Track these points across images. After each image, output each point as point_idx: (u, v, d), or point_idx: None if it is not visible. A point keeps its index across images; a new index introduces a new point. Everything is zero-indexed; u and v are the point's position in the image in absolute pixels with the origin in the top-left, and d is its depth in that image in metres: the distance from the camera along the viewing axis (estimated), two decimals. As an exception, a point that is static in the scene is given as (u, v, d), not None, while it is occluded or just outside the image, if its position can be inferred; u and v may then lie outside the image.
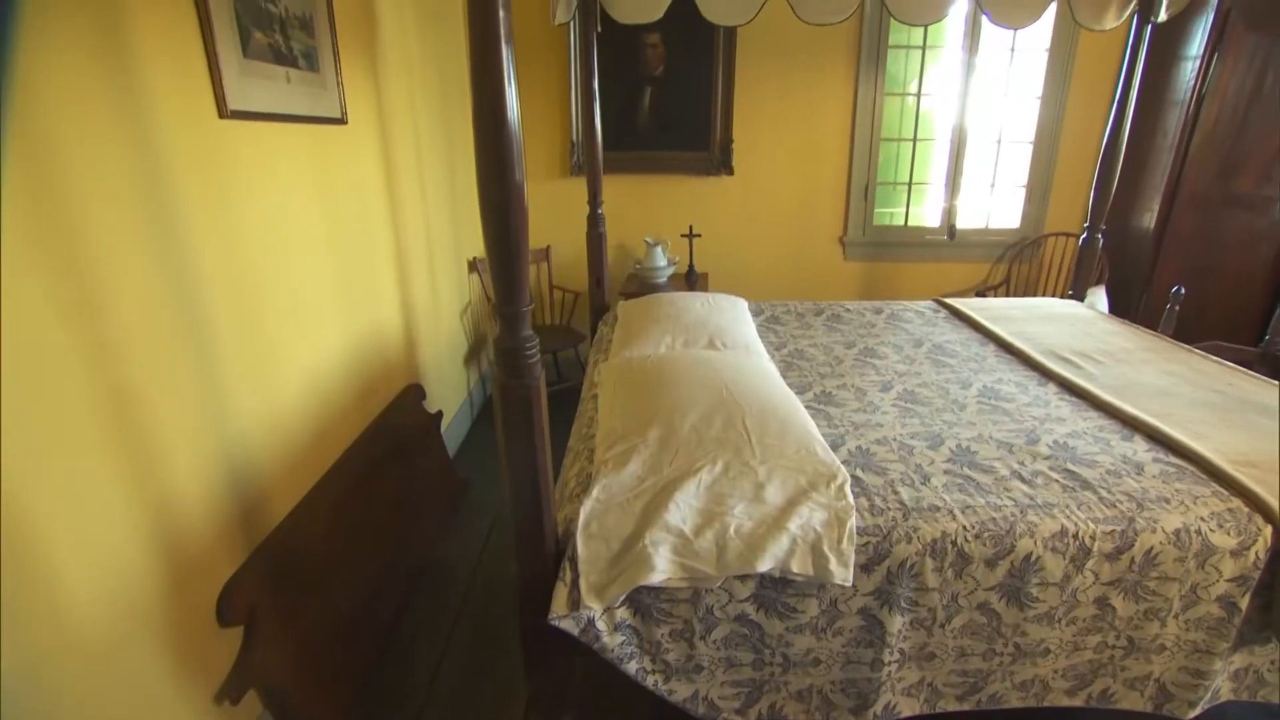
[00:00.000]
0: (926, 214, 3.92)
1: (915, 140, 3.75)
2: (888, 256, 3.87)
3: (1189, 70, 3.23)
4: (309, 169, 1.86)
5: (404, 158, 2.59)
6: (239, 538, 1.50)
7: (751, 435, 1.41)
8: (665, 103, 3.47)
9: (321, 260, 1.93)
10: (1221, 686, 1.49)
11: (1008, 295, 3.89)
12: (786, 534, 1.24)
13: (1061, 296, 3.14)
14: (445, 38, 3.02)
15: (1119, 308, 3.56)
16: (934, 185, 3.87)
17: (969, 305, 2.71)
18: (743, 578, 1.28)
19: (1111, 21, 2.59)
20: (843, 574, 1.24)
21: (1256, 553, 1.34)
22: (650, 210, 3.65)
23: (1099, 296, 3.47)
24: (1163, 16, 2.52)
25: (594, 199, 2.64)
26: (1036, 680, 1.45)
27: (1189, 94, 3.23)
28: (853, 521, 1.26)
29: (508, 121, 1.00)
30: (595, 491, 1.34)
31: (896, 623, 1.34)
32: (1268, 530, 1.34)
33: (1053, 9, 2.59)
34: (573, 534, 1.28)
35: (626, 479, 1.36)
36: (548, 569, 1.29)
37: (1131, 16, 2.59)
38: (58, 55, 1.06)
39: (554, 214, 3.55)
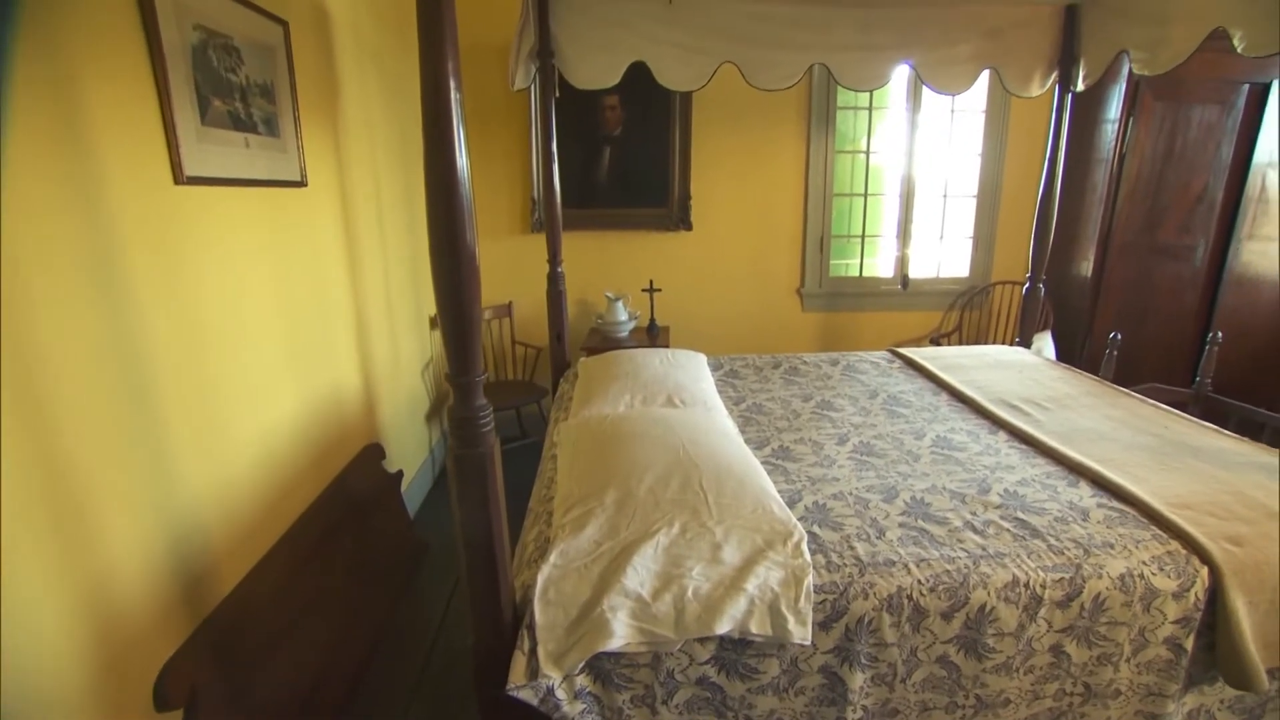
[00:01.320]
0: (880, 265, 4.07)
1: (866, 194, 3.92)
2: (844, 307, 3.99)
3: (1110, 132, 3.46)
4: (266, 231, 1.87)
5: (365, 217, 2.61)
6: (182, 613, 1.44)
7: (708, 495, 1.42)
8: (625, 161, 3.57)
9: (277, 321, 1.92)
10: (1178, 729, 1.51)
11: (960, 342, 4.02)
12: (744, 595, 1.24)
13: (1010, 343, 3.27)
14: (407, 100, 3.08)
15: (1065, 352, 3.70)
16: (886, 237, 4.03)
17: (922, 355, 2.79)
18: (702, 640, 1.27)
19: (1036, 89, 2.79)
20: (801, 633, 1.24)
21: (1196, 594, 1.38)
22: (612, 265, 3.71)
23: (1046, 342, 3.61)
24: (1080, 86, 2.72)
25: (554, 257, 2.68)
26: (1000, 731, 1.46)
27: (1112, 153, 3.46)
28: (810, 580, 1.27)
29: (460, 197, 1.03)
30: (553, 557, 1.33)
31: (858, 680, 1.34)
32: (1204, 571, 1.39)
33: (985, 76, 2.78)
34: (530, 601, 1.26)
35: (584, 543, 1.35)
36: (505, 638, 1.27)
37: (1054, 85, 2.79)
38: (9, 128, 1.06)
39: (516, 270, 3.58)
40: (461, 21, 3.17)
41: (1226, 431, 2.03)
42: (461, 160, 1.03)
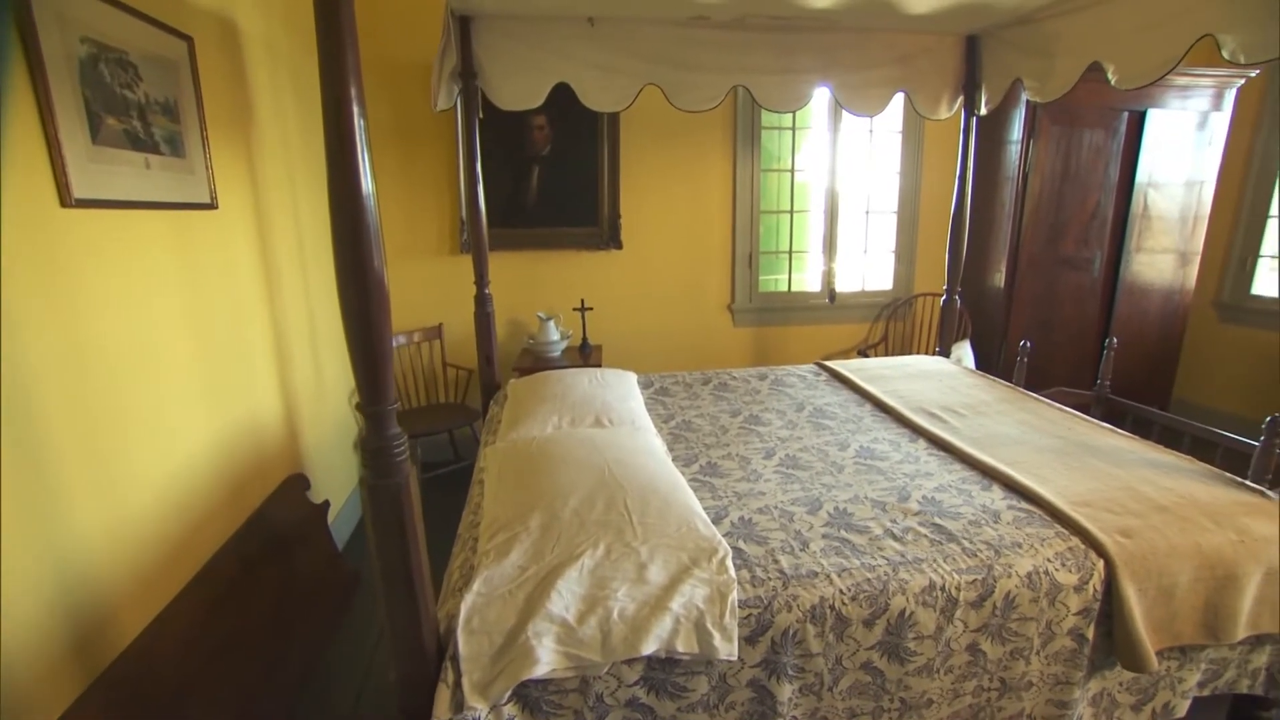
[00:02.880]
0: (808, 279, 4.19)
1: (793, 211, 4.04)
2: (774, 321, 4.08)
3: (1014, 153, 3.68)
4: (173, 256, 1.78)
5: (283, 239, 2.52)
6: (74, 669, 1.34)
7: (633, 515, 1.42)
8: (554, 180, 3.57)
9: (187, 349, 1.83)
10: (1084, 713, 1.59)
11: (887, 352, 4.17)
12: (669, 614, 1.24)
13: (931, 353, 3.41)
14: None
15: (983, 360, 3.89)
16: (813, 252, 4.15)
17: (847, 367, 2.88)
18: (630, 661, 1.27)
19: (944, 112, 2.94)
20: (727, 649, 1.25)
21: (1094, 586, 1.47)
22: (542, 285, 3.69)
23: (965, 351, 3.77)
24: (983, 110, 2.89)
25: (480, 279, 2.65)
26: (924, 732, 1.50)
27: (1016, 172, 3.68)
28: (734, 595, 1.28)
29: (365, 222, 1.02)
30: (476, 585, 1.30)
31: (786, 691, 1.35)
32: (1100, 564, 1.48)
33: (899, 98, 2.92)
34: (454, 631, 1.23)
35: (508, 569, 1.33)
36: (429, 671, 1.23)
37: (960, 109, 2.95)
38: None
39: (446, 291, 3.52)
40: (386, 40, 3.14)
41: (1121, 431, 2.16)
42: (366, 184, 1.01)
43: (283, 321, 2.49)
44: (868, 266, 4.25)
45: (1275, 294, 3.92)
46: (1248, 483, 1.78)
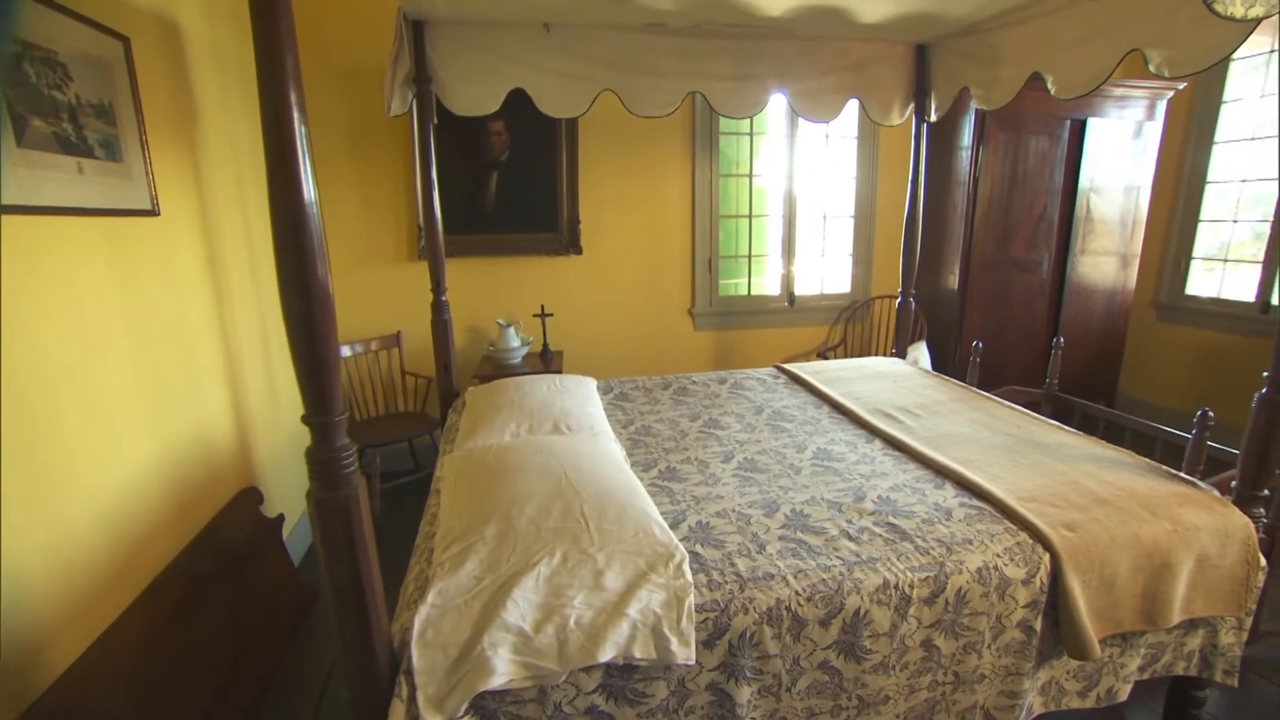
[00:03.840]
0: (768, 283, 4.24)
1: (751, 216, 4.09)
2: (735, 325, 4.12)
3: (965, 158, 3.79)
4: (111, 264, 1.72)
5: (233, 246, 2.45)
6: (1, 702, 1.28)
7: (589, 522, 1.42)
8: (513, 186, 3.55)
9: (126, 361, 1.76)
10: (1033, 702, 1.63)
11: (845, 354, 4.24)
12: (626, 620, 1.24)
13: (889, 354, 3.48)
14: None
15: (939, 360, 3.98)
16: (772, 256, 4.21)
17: (805, 370, 2.92)
18: (588, 669, 1.26)
19: (896, 118, 3.01)
20: (685, 653, 1.25)
21: (1041, 579, 1.51)
22: (502, 291, 3.67)
23: (922, 352, 3.86)
24: (933, 117, 2.97)
25: (437, 286, 2.61)
26: (882, 728, 1.52)
27: (967, 177, 3.78)
28: (691, 599, 1.29)
29: (308, 232, 0.99)
30: (430, 596, 1.28)
31: (745, 693, 1.36)
32: (1046, 557, 1.52)
33: (853, 105, 2.98)
34: (408, 644, 1.21)
35: (463, 580, 1.31)
36: (382, 687, 1.21)
37: (911, 115, 3.02)
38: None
39: (404, 299, 3.47)
40: (342, 43, 3.08)
41: (1066, 427, 2.24)
42: (309, 192, 0.99)
43: (233, 331, 2.42)
44: (826, 270, 4.32)
45: (1207, 294, 4.11)
46: (1181, 474, 1.85)
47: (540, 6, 2.32)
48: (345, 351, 3.27)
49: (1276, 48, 3.69)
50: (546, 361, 3.47)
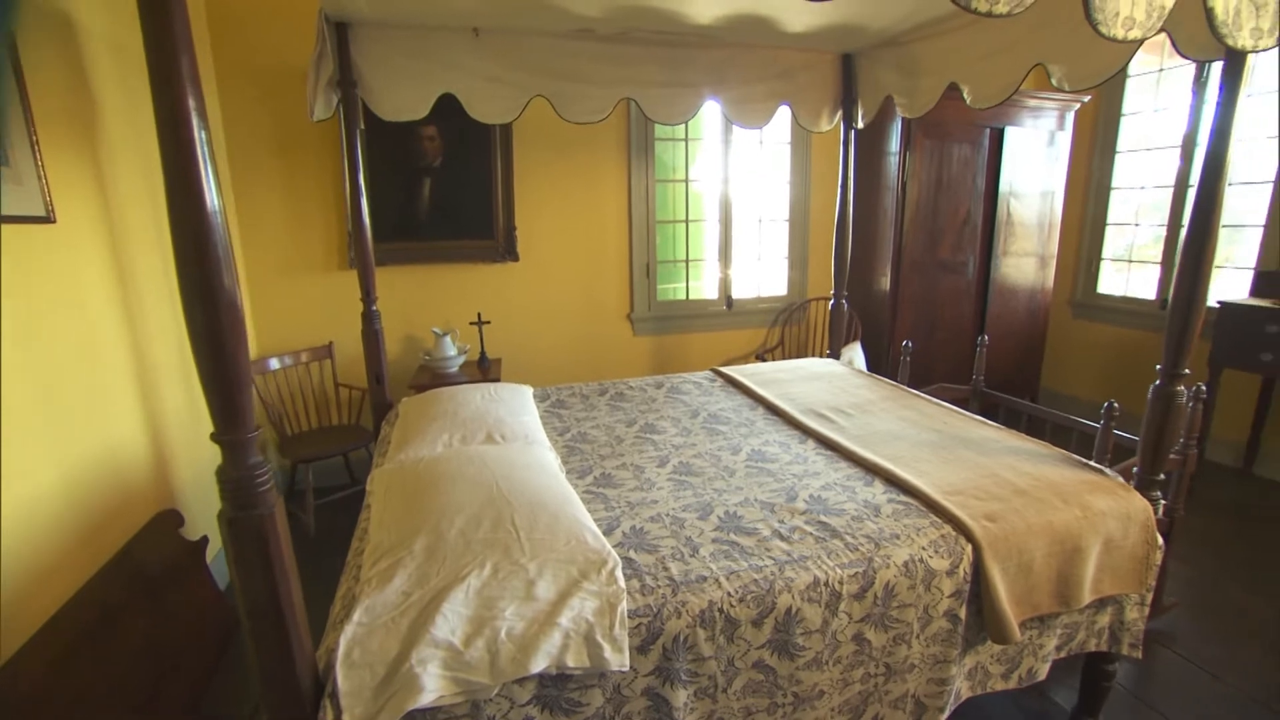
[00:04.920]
0: (705, 287, 4.29)
1: (688, 221, 4.13)
2: (674, 329, 4.15)
3: (893, 163, 3.92)
4: (-2, 276, 1.61)
5: (145, 255, 2.33)
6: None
7: (520, 532, 1.40)
8: (447, 192, 3.49)
9: (19, 379, 1.65)
10: (961, 687, 1.69)
11: (784, 356, 4.33)
12: (559, 629, 1.23)
13: (823, 355, 3.56)
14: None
15: (874, 360, 4.10)
16: (709, 260, 4.26)
17: (741, 372, 2.96)
18: (521, 681, 1.25)
19: (825, 125, 3.09)
20: (618, 660, 1.25)
21: (964, 569, 1.57)
22: (438, 299, 3.60)
23: (856, 352, 3.97)
24: (860, 124, 3.07)
25: (368, 295, 2.54)
26: (818, 722, 1.55)
27: (896, 181, 3.92)
28: (623, 605, 1.29)
29: (212, 241, 0.95)
30: (356, 615, 1.24)
31: (681, 696, 1.37)
32: (969, 548, 1.59)
33: (784, 111, 3.05)
34: (333, 666, 1.17)
35: (391, 596, 1.28)
36: (305, 713, 1.16)
37: (839, 122, 3.12)
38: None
39: (335, 308, 3.37)
40: (265, 42, 2.98)
41: (990, 422, 2.34)
42: (212, 200, 0.95)
43: (147, 345, 2.30)
44: (763, 273, 4.40)
45: (1117, 292, 4.38)
46: (1090, 463, 1.96)
47: (467, 11, 2.29)
48: (274, 364, 3.15)
49: (1163, 67, 3.98)
50: (484, 370, 3.42)
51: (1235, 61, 1.61)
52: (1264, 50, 1.52)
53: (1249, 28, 1.48)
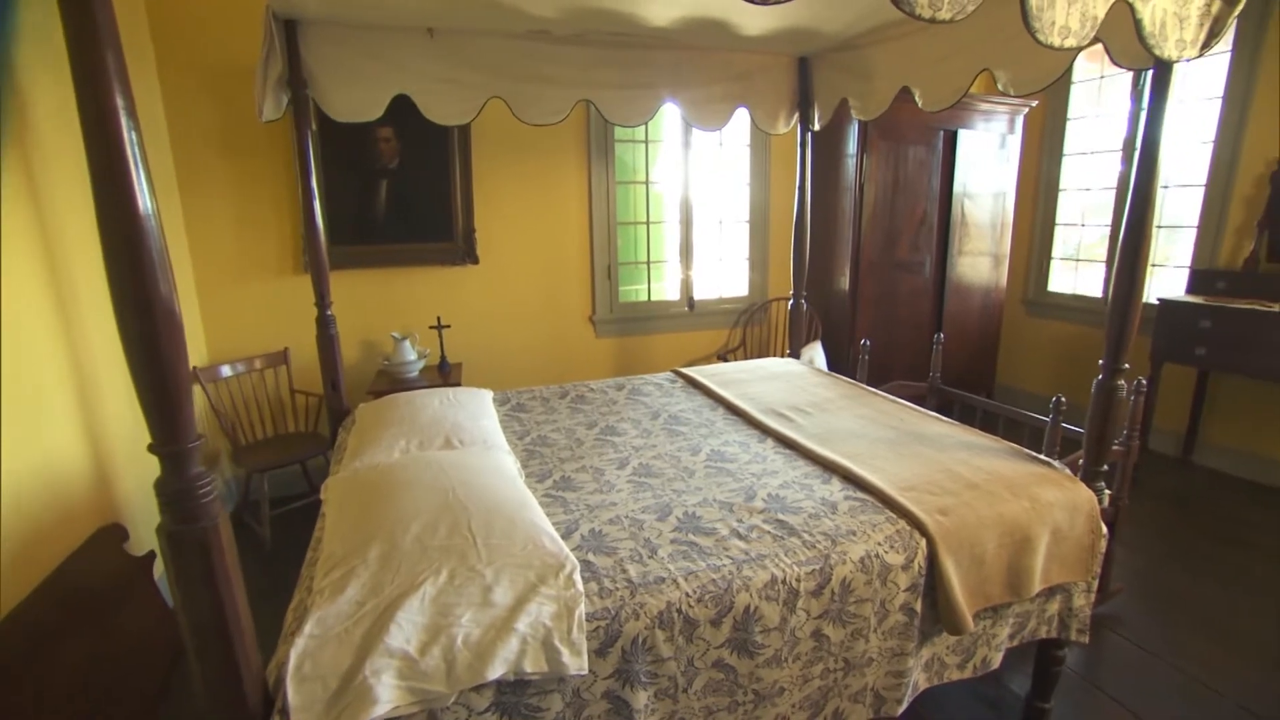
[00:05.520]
0: (667, 288, 4.31)
1: (649, 222, 4.15)
2: (637, 331, 4.16)
3: (851, 165, 3.99)
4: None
5: (82, 257, 2.24)
6: None
7: (477, 537, 1.38)
8: (404, 195, 3.44)
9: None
10: (918, 679, 1.73)
11: (745, 356, 4.36)
12: (516, 635, 1.22)
13: (784, 355, 3.60)
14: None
15: (834, 359, 4.16)
16: (670, 262, 4.28)
17: (701, 373, 2.98)
18: (479, 688, 1.23)
19: (782, 127, 3.13)
20: (577, 664, 1.24)
21: (918, 563, 1.60)
22: (397, 303, 3.54)
23: (817, 351, 4.03)
24: (816, 126, 3.11)
25: (322, 299, 2.48)
26: (779, 719, 1.56)
27: (854, 183, 3.99)
28: (581, 609, 1.28)
29: (145, 246, 0.92)
30: (308, 627, 1.21)
31: (641, 698, 1.37)
32: (923, 542, 1.62)
33: (742, 113, 3.08)
34: (284, 680, 1.14)
35: (344, 606, 1.25)
36: (254, 730, 1.13)
37: (796, 124, 3.16)
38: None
39: (290, 313, 3.28)
40: (214, 40, 2.88)
41: (944, 418, 2.39)
42: (145, 203, 0.91)
43: (85, 350, 2.21)
44: (724, 274, 4.43)
45: (1067, 290, 4.52)
46: (1040, 456, 2.02)
47: (420, 11, 2.26)
48: (226, 371, 3.07)
49: (1104, 75, 4.13)
50: (445, 374, 3.37)
51: (1163, 70, 1.68)
52: (1188, 60, 1.59)
53: (1174, 39, 1.55)
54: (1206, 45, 1.60)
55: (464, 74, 2.52)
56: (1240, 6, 1.57)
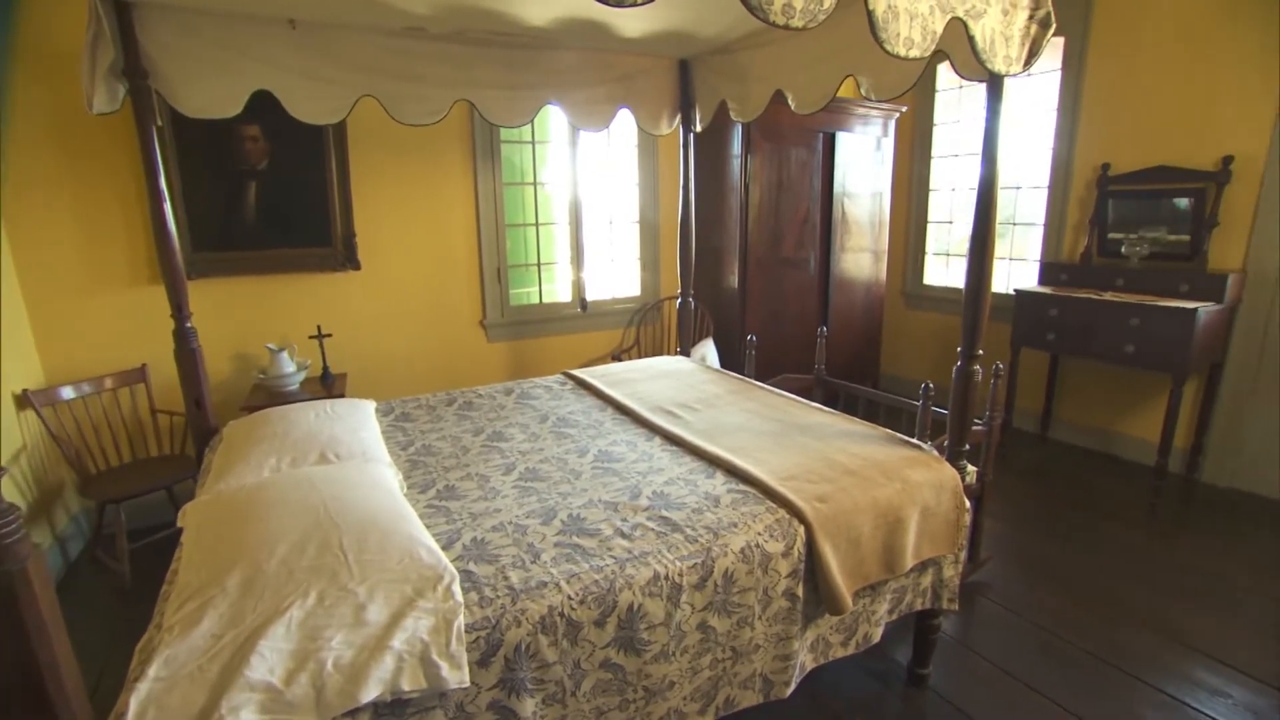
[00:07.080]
0: (559, 290, 4.29)
1: (538, 224, 4.10)
2: (529, 334, 4.10)
3: (736, 166, 4.11)
4: None
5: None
6: None
7: (349, 555, 1.32)
8: (276, 197, 3.22)
9: None
10: (805, 660, 1.79)
11: (640, 355, 4.40)
12: (390, 652, 1.17)
13: (675, 353, 3.66)
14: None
15: (728, 355, 4.27)
16: (561, 264, 4.26)
17: (591, 374, 2.98)
18: (353, 712, 1.17)
19: (665, 128, 3.19)
20: (457, 677, 1.21)
21: (798, 549, 1.67)
22: (274, 313, 3.32)
23: (709, 349, 4.11)
24: (698, 127, 3.19)
25: (179, 311, 2.26)
26: (672, 712, 1.58)
27: (739, 183, 4.10)
28: (460, 620, 1.24)
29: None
30: (153, 669, 1.11)
31: (528, 706, 1.35)
32: (802, 529, 1.68)
33: (625, 114, 3.10)
34: (123, 731, 1.04)
35: (198, 641, 1.16)
36: (88, 789, 1.02)
37: (678, 125, 3.22)
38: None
39: (148, 327, 2.99)
40: (55, 21, 2.60)
41: (826, 409, 2.50)
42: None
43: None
44: (616, 275, 4.46)
45: (941, 283, 4.86)
46: (912, 440, 2.15)
47: (280, 0, 2.13)
48: (68, 393, 2.77)
49: (962, 84, 4.47)
50: (328, 386, 3.20)
51: (996, 83, 1.83)
52: (1015, 75, 1.75)
53: (1001, 55, 1.70)
54: (1028, 62, 1.77)
55: (332, 70, 2.39)
56: (1051, 31, 1.75)
